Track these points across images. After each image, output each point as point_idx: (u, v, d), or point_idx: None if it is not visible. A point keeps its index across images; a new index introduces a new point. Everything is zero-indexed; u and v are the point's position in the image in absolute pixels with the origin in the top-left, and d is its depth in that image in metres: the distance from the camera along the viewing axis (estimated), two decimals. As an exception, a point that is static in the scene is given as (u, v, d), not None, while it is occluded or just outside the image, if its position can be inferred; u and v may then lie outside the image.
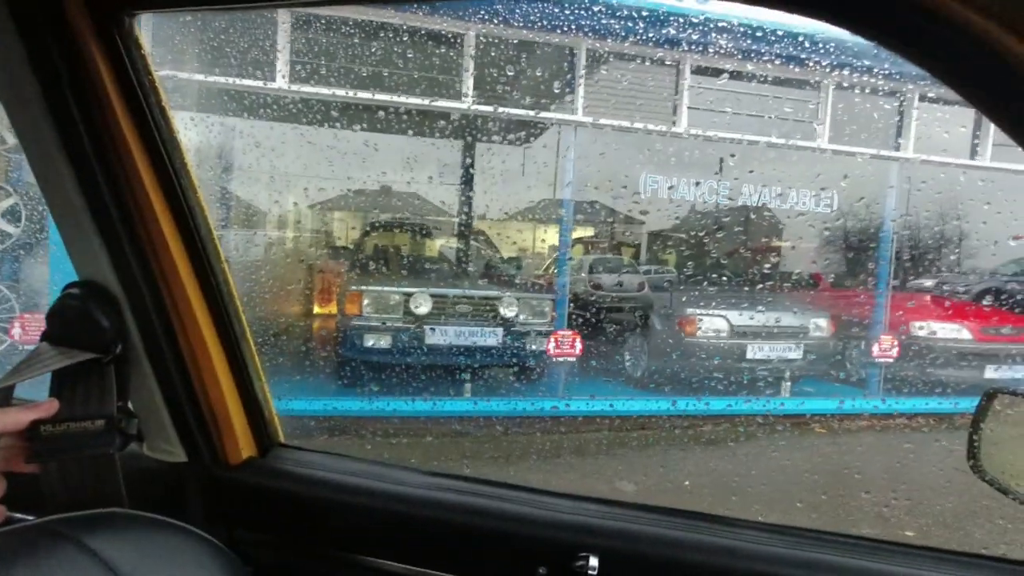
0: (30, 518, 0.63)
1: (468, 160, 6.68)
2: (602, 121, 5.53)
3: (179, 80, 4.57)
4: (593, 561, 0.73)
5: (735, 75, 5.56)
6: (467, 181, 6.79)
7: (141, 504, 0.71)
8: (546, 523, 0.79)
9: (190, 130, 4.19)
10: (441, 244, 7.34)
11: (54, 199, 0.77)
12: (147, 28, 0.78)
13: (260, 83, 4.95)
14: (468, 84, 5.25)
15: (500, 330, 5.09)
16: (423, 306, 4.94)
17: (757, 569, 0.72)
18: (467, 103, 5.28)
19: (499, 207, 7.06)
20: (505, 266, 7.20)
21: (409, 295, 4.95)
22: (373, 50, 5.22)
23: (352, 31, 5.19)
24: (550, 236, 9.04)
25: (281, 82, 4.95)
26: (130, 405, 0.83)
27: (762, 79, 5.70)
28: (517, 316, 5.16)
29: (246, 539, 0.88)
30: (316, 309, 6.00)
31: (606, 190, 6.77)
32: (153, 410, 0.85)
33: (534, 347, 5.22)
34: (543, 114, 5.68)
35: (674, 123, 5.68)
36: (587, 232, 9.73)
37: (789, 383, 5.64)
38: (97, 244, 0.77)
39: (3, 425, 0.65)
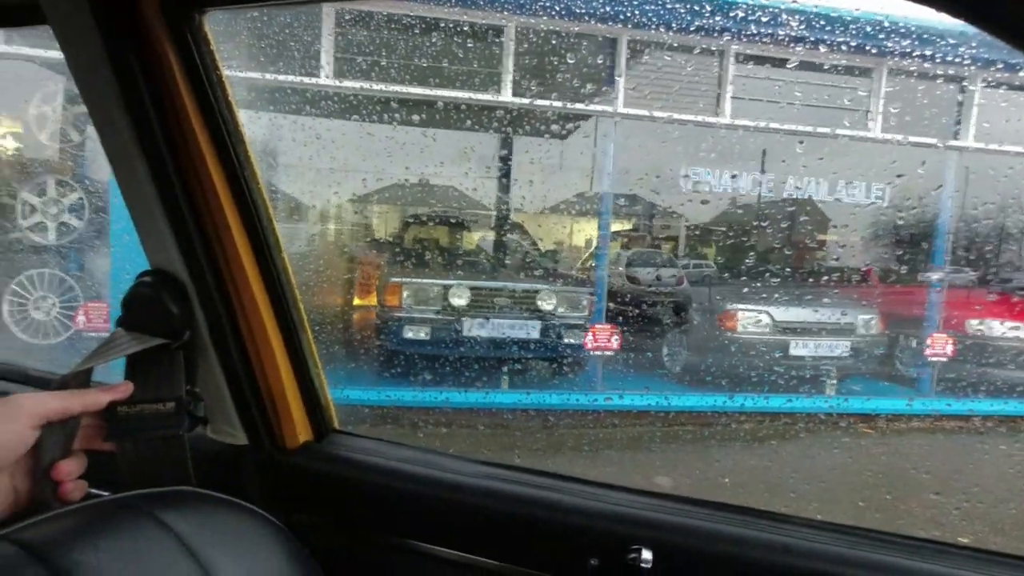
0: (105, 494, 0.67)
1: (507, 153, 6.67)
2: (642, 112, 5.44)
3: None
4: (646, 554, 0.72)
5: (783, 63, 5.38)
6: (506, 174, 6.79)
7: (205, 483, 0.73)
8: (598, 515, 0.78)
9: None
10: (480, 237, 7.38)
11: (129, 190, 0.80)
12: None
13: (299, 78, 5.03)
14: (508, 77, 5.24)
15: (538, 323, 5.09)
16: (462, 298, 4.99)
17: (815, 568, 0.69)
18: (506, 96, 5.27)
19: (538, 200, 7.03)
20: (543, 259, 7.19)
21: (448, 287, 5.00)
22: (411, 45, 5.25)
23: (389, 26, 5.23)
24: (588, 229, 8.97)
25: (321, 77, 5.03)
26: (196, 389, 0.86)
27: (811, 66, 5.49)
28: (555, 309, 5.15)
29: (303, 522, 0.91)
30: (357, 300, 6.12)
31: (647, 183, 6.67)
32: (217, 394, 0.88)
33: (572, 340, 5.20)
34: (582, 106, 5.62)
35: (718, 113, 5.55)
36: (626, 225, 9.61)
37: (835, 381, 5.46)
38: (168, 234, 0.80)
39: (84, 405, 0.68)
